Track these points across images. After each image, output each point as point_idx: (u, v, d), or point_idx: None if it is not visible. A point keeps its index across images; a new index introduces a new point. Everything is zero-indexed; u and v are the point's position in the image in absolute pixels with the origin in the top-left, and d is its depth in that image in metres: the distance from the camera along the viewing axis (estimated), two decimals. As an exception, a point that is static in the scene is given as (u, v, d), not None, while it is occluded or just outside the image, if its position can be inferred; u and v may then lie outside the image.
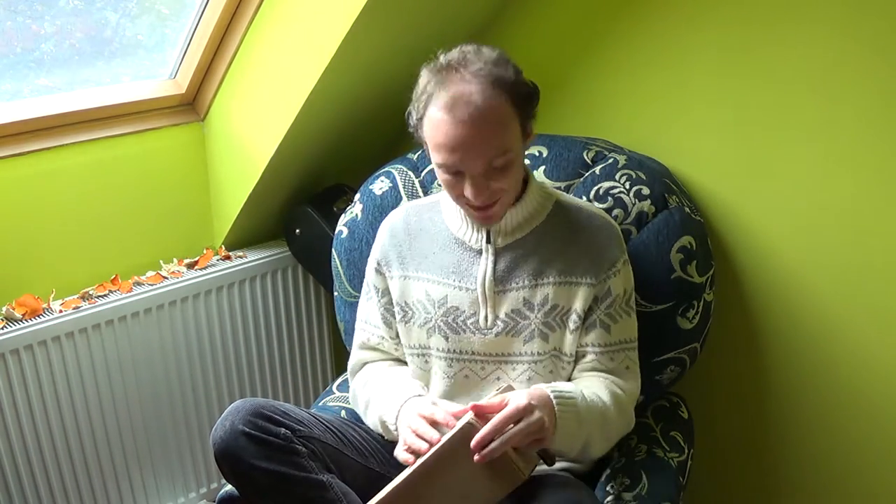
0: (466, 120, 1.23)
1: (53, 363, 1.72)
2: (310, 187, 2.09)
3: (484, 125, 1.24)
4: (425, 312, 1.43)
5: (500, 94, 1.25)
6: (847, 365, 1.63)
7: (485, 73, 1.25)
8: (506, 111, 1.26)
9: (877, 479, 1.66)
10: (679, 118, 1.69)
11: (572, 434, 1.26)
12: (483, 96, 1.23)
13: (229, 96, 1.94)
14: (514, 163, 1.29)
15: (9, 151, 1.70)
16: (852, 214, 1.55)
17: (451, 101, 1.24)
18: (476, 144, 1.25)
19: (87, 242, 1.87)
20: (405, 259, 1.46)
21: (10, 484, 1.70)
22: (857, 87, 1.48)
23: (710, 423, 1.79)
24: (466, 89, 1.24)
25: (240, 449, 1.25)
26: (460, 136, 1.24)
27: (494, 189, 1.29)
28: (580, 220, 1.41)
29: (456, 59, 1.27)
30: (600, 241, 1.39)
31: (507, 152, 1.27)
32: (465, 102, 1.23)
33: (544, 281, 1.38)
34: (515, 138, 1.29)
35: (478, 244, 1.41)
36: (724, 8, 1.58)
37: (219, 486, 2.06)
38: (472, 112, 1.23)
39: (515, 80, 1.28)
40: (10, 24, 1.74)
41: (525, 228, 1.40)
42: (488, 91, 1.24)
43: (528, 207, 1.40)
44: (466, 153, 1.25)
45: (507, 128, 1.26)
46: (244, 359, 2.07)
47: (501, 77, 1.26)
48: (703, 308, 1.56)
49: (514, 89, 1.27)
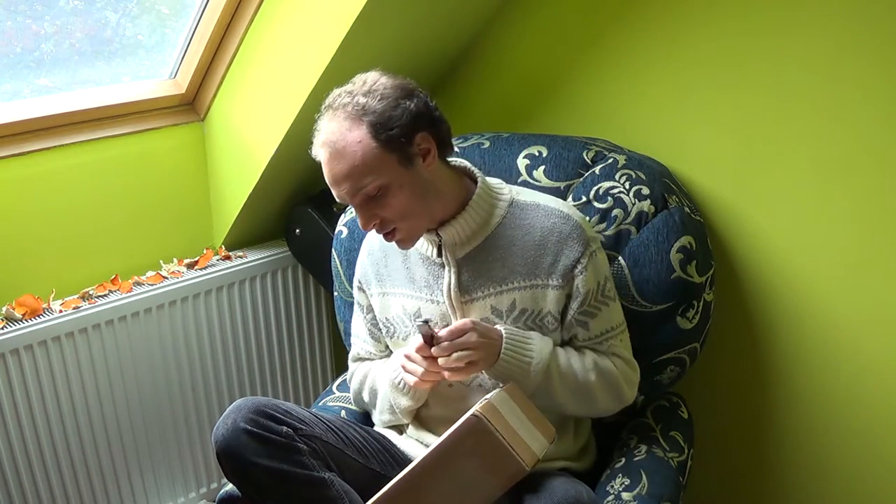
0: (329, 158, 1.31)
1: (53, 363, 1.71)
2: (310, 187, 2.09)
3: (341, 161, 1.30)
4: (403, 326, 1.46)
5: (357, 125, 1.29)
6: (847, 364, 1.63)
7: (349, 108, 1.30)
8: (363, 145, 1.29)
9: (877, 478, 1.66)
10: (679, 118, 1.69)
11: (522, 368, 1.34)
12: (339, 135, 1.30)
13: (229, 96, 1.94)
14: (391, 190, 1.31)
15: (9, 151, 1.70)
16: (852, 214, 1.55)
17: (320, 140, 1.33)
18: (339, 179, 1.31)
19: (87, 242, 1.87)
20: (382, 276, 1.50)
21: (10, 484, 1.70)
22: (858, 87, 1.49)
23: (710, 423, 1.79)
24: (328, 127, 1.32)
25: (241, 447, 1.26)
26: (331, 173, 1.32)
27: (383, 217, 1.33)
28: (538, 219, 1.40)
29: (332, 96, 1.34)
30: (560, 240, 1.38)
31: (373, 182, 1.29)
32: (325, 142, 1.31)
33: (509, 286, 1.39)
34: (386, 168, 1.30)
35: (439, 258, 1.42)
36: (724, 7, 1.58)
37: (219, 486, 2.06)
38: (331, 151, 1.31)
39: (376, 106, 1.29)
40: (10, 24, 1.74)
41: (479, 236, 1.40)
42: (345, 126, 1.30)
43: (473, 216, 1.39)
44: (339, 187, 1.32)
45: (365, 159, 1.29)
46: (244, 359, 2.07)
47: (363, 106, 1.29)
48: (703, 308, 1.57)
49: (374, 118, 1.29)
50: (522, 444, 1.22)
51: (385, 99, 1.30)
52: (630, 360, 1.44)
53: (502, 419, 1.22)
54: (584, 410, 1.42)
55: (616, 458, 1.48)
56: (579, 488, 1.26)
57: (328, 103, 1.34)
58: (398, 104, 1.30)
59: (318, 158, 1.34)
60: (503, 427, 1.21)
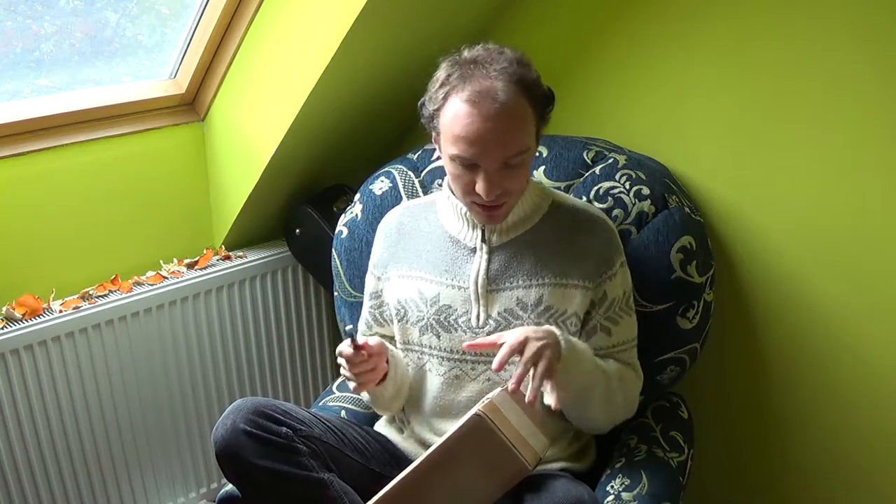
0: (491, 115, 1.25)
1: (53, 363, 1.71)
2: (310, 187, 2.09)
3: (506, 122, 1.26)
4: (418, 311, 1.44)
5: (521, 93, 1.28)
6: (847, 364, 1.63)
7: (510, 71, 1.28)
8: (526, 111, 1.29)
9: (878, 478, 1.66)
10: (679, 118, 1.69)
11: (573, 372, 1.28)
12: (507, 94, 1.26)
13: (229, 96, 1.94)
14: (525, 163, 1.32)
15: (9, 151, 1.70)
16: (852, 214, 1.55)
17: (476, 94, 1.26)
18: (497, 140, 1.26)
19: (87, 242, 1.87)
20: (399, 258, 1.48)
21: (10, 484, 1.70)
22: (858, 87, 1.48)
23: (710, 423, 1.79)
24: (492, 85, 1.26)
25: (241, 448, 1.26)
26: (482, 130, 1.26)
27: (506, 188, 1.31)
28: (576, 221, 1.42)
29: (481, 55, 1.30)
30: (596, 244, 1.40)
31: (524, 151, 1.29)
32: (491, 98, 1.25)
33: (539, 282, 1.39)
34: (532, 138, 1.31)
35: (472, 242, 1.42)
36: (724, 7, 1.58)
37: (219, 486, 2.06)
38: (497, 108, 1.25)
39: (536, 82, 1.31)
40: (10, 24, 1.74)
41: (520, 228, 1.42)
42: (511, 89, 1.26)
43: (524, 206, 1.41)
44: (486, 148, 1.27)
45: (526, 127, 1.29)
46: (244, 359, 2.07)
47: (524, 77, 1.29)
48: (703, 308, 1.57)
49: (534, 91, 1.30)
50: (524, 443, 1.22)
51: (538, 77, 1.32)
52: (641, 374, 1.45)
53: (504, 418, 1.22)
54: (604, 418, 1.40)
55: (616, 458, 1.48)
56: (580, 489, 1.26)
57: (476, 58, 1.29)
58: (541, 82, 1.32)
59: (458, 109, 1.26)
60: (505, 426, 1.21)
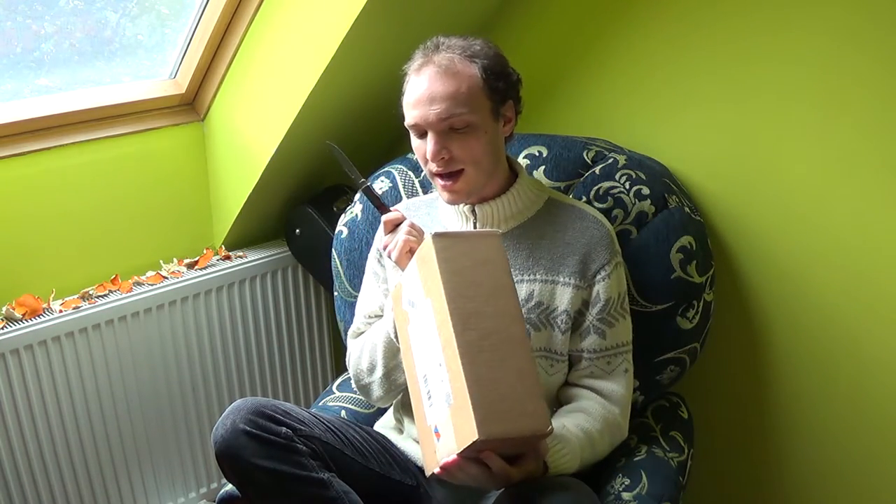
0: (432, 76, 1.32)
1: (53, 363, 1.72)
2: (310, 187, 2.09)
3: (447, 81, 1.31)
4: None
5: (470, 62, 1.33)
6: (847, 364, 1.63)
7: (464, 46, 1.34)
8: (473, 78, 1.33)
9: (878, 478, 1.66)
10: (679, 118, 1.69)
11: (563, 468, 1.28)
12: (453, 61, 1.33)
13: (229, 96, 1.94)
14: (477, 132, 1.33)
15: (9, 151, 1.70)
16: (852, 214, 1.55)
17: (423, 64, 1.34)
18: (435, 97, 1.31)
19: (87, 242, 1.87)
20: None
21: (10, 484, 1.70)
22: (858, 86, 1.48)
23: (710, 423, 1.79)
24: (440, 57, 1.34)
25: (241, 448, 1.26)
26: (424, 91, 1.32)
27: (454, 154, 1.33)
28: (571, 219, 1.43)
29: (444, 41, 1.36)
30: (590, 243, 1.40)
31: (467, 113, 1.31)
32: (436, 64, 1.33)
33: (531, 277, 1.40)
34: (481, 109, 1.33)
35: None
36: (725, 7, 1.58)
37: (219, 486, 2.06)
38: (439, 70, 1.32)
39: (491, 55, 1.35)
40: (10, 24, 1.74)
41: (512, 222, 1.43)
42: (460, 59, 1.33)
43: (516, 199, 1.42)
44: (426, 108, 1.32)
45: (470, 91, 1.32)
46: (244, 359, 2.07)
47: (477, 51, 1.34)
48: (703, 308, 1.57)
49: (487, 62, 1.34)
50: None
51: (498, 57, 1.37)
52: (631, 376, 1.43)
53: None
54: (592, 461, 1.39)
55: (616, 458, 1.48)
56: (581, 489, 1.26)
57: (436, 43, 1.36)
58: (507, 66, 1.38)
59: (411, 81, 1.35)
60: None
